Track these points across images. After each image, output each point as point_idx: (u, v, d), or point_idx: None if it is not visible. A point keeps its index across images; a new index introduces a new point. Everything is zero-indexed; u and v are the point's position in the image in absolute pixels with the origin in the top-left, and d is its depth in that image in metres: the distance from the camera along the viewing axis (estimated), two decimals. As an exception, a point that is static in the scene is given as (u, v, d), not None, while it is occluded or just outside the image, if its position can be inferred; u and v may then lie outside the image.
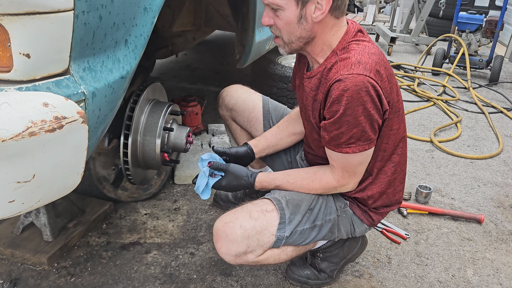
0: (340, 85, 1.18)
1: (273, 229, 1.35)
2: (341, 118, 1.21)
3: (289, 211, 1.38)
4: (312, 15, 1.20)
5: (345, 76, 1.18)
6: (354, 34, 1.29)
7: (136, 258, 1.73)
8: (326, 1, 1.18)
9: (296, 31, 1.24)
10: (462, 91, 4.12)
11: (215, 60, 4.47)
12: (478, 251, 1.92)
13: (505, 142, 3.07)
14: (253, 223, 1.33)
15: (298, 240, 1.41)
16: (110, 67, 1.14)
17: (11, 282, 1.58)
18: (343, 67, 1.21)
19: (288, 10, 1.20)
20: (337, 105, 1.20)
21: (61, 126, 0.93)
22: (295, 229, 1.38)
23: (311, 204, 1.43)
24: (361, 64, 1.19)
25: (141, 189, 2.08)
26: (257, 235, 1.33)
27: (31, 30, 0.90)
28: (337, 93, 1.19)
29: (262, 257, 1.37)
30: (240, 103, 1.81)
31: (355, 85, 1.17)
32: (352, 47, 1.25)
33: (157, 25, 1.97)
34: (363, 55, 1.22)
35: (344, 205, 1.48)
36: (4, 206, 0.94)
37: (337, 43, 1.28)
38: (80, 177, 1.07)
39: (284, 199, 1.40)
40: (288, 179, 1.44)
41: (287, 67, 3.10)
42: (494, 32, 4.34)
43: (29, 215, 1.70)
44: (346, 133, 1.23)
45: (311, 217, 1.42)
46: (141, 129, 1.68)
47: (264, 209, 1.37)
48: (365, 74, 1.18)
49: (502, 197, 2.37)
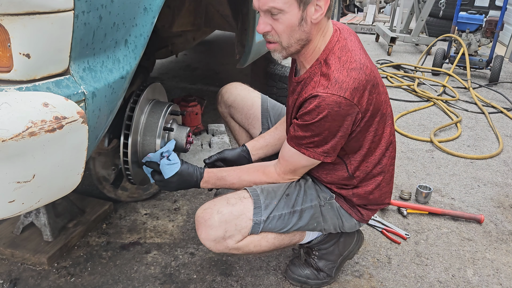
0: (314, 101, 1.24)
1: (250, 214, 1.39)
2: (308, 126, 1.28)
3: (264, 196, 1.42)
4: (312, 17, 1.22)
5: (320, 93, 1.24)
6: (337, 40, 1.31)
7: (136, 258, 1.73)
8: (324, 1, 1.21)
9: (296, 33, 1.25)
10: (462, 91, 4.12)
11: (215, 60, 4.47)
12: (478, 251, 1.92)
13: (505, 142, 3.07)
14: (230, 208, 1.39)
15: (279, 226, 1.43)
16: (110, 67, 1.14)
17: (11, 282, 1.58)
18: (320, 84, 1.26)
19: (290, 13, 1.21)
20: (308, 116, 1.27)
21: (61, 126, 0.93)
22: (272, 214, 1.41)
23: (286, 190, 1.46)
24: (338, 83, 1.23)
25: (141, 189, 2.08)
26: (234, 220, 1.38)
27: (31, 30, 0.90)
28: (309, 107, 1.25)
29: (242, 243, 1.40)
30: (239, 100, 1.82)
31: (327, 104, 1.23)
32: (333, 61, 1.28)
33: (157, 25, 1.97)
34: (342, 72, 1.25)
35: (329, 197, 1.50)
36: (4, 206, 0.94)
37: (323, 49, 1.31)
38: (80, 177, 1.07)
39: (259, 188, 1.45)
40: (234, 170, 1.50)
41: (287, 67, 3.10)
42: (494, 32, 4.34)
43: (29, 215, 1.70)
44: (309, 138, 1.31)
45: (289, 202, 1.45)
46: (141, 129, 1.68)
47: (242, 196, 1.43)
48: (339, 94, 1.22)
49: (502, 197, 2.37)
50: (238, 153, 1.63)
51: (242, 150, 1.64)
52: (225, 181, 1.49)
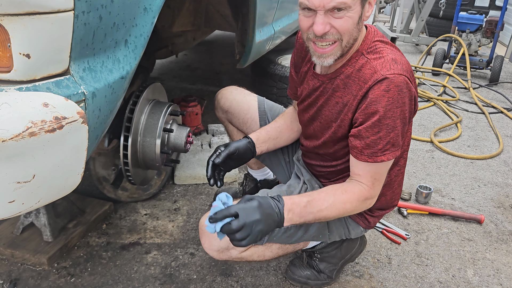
0: (382, 85, 1.15)
1: None
2: (381, 121, 1.16)
3: None
4: (365, 14, 1.19)
5: (386, 75, 1.15)
6: (374, 33, 1.27)
7: (136, 259, 1.73)
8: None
9: (355, 32, 1.19)
10: (462, 91, 4.12)
11: (215, 60, 4.47)
12: (478, 251, 1.92)
13: (505, 142, 3.07)
14: None
15: (284, 239, 1.40)
16: (110, 67, 1.14)
17: (11, 282, 1.58)
18: (381, 66, 1.18)
19: (354, 10, 1.14)
20: (375, 105, 1.16)
21: (61, 127, 0.92)
22: None
23: None
24: (398, 63, 1.17)
25: (141, 189, 2.08)
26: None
27: (31, 30, 0.90)
28: (377, 93, 1.15)
29: (246, 253, 1.37)
30: (234, 105, 1.78)
31: (396, 86, 1.14)
32: (380, 48, 1.23)
33: (157, 25, 1.97)
34: (395, 53, 1.20)
35: None
36: (4, 206, 0.93)
37: (361, 43, 1.25)
38: (80, 178, 1.07)
39: None
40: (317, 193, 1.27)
41: (287, 67, 3.10)
42: (494, 32, 4.34)
43: (29, 215, 1.70)
44: (384, 138, 1.18)
45: None
46: (141, 129, 1.68)
47: None
48: (404, 74, 1.16)
49: (502, 197, 2.36)
50: (245, 145, 1.49)
51: (248, 143, 1.51)
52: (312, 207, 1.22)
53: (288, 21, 2.84)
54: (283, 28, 2.72)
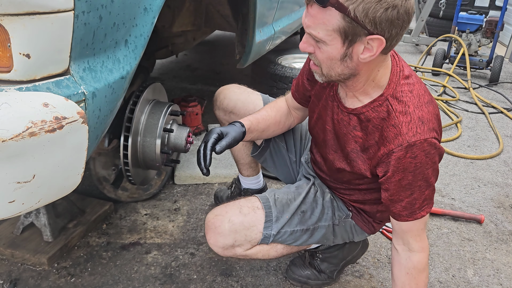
0: (408, 153, 1.10)
1: (261, 227, 1.35)
2: (412, 184, 1.14)
3: (276, 209, 1.38)
4: (359, 55, 1.05)
5: (411, 141, 1.09)
6: (400, 71, 1.17)
7: (136, 259, 1.73)
8: (378, 43, 1.02)
9: (337, 67, 1.10)
10: (462, 91, 4.12)
11: (215, 60, 4.47)
12: (478, 251, 1.92)
13: (505, 142, 3.07)
14: (241, 218, 1.34)
15: (289, 240, 1.41)
16: (110, 67, 1.14)
17: (11, 282, 1.58)
18: (406, 128, 1.10)
19: (331, 46, 1.05)
20: (403, 173, 1.13)
21: (61, 127, 0.92)
22: (283, 229, 1.37)
23: (302, 205, 1.41)
24: (424, 123, 1.10)
25: (141, 189, 2.08)
26: (244, 230, 1.33)
27: (31, 30, 0.90)
28: (404, 161, 1.11)
29: (251, 251, 1.38)
30: (240, 106, 1.67)
31: (423, 151, 1.10)
32: (406, 97, 1.13)
33: (157, 25, 1.97)
34: (422, 108, 1.12)
35: (345, 216, 1.46)
36: (4, 206, 0.93)
37: (386, 84, 1.15)
38: (80, 178, 1.07)
39: (272, 198, 1.40)
40: None
41: (287, 67, 3.09)
42: (494, 32, 4.34)
43: (29, 215, 1.69)
44: (419, 198, 1.16)
45: (303, 220, 1.40)
46: (141, 129, 1.68)
47: (255, 206, 1.38)
48: (432, 136, 1.10)
49: (502, 197, 2.36)
50: (240, 135, 1.39)
51: (243, 132, 1.40)
52: None
53: (288, 21, 2.84)
54: (283, 28, 2.72)
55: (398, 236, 1.27)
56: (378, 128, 1.17)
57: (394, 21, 0.98)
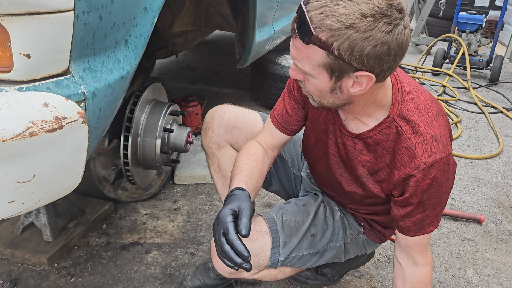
0: (426, 175, 1.06)
1: (268, 253, 1.28)
2: (426, 203, 1.11)
3: (284, 234, 1.31)
4: (349, 88, 0.98)
5: (429, 163, 1.04)
6: (401, 87, 1.09)
7: (136, 258, 1.73)
8: (367, 79, 0.94)
9: (328, 98, 1.04)
10: (462, 91, 4.12)
11: (215, 60, 4.47)
12: (478, 251, 1.92)
13: (505, 142, 3.07)
14: (250, 245, 1.23)
15: (297, 264, 1.36)
16: (110, 67, 1.14)
17: (11, 282, 1.58)
18: (421, 150, 1.05)
19: (318, 80, 0.99)
20: (421, 194, 1.09)
21: (61, 126, 0.93)
22: (291, 254, 1.31)
23: (311, 228, 1.35)
24: (438, 140, 1.05)
25: (141, 189, 2.08)
26: (253, 258, 1.23)
27: (31, 30, 0.90)
28: (422, 184, 1.07)
29: (258, 275, 1.33)
30: (241, 118, 1.49)
31: (440, 170, 1.06)
32: (414, 115, 1.07)
33: (157, 25, 1.97)
34: (432, 124, 1.06)
35: (357, 233, 1.41)
36: (4, 206, 0.93)
37: (389, 104, 1.08)
38: (80, 177, 1.07)
39: (280, 220, 1.32)
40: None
41: (287, 67, 3.10)
42: (494, 32, 4.34)
43: (29, 215, 1.70)
44: (430, 214, 1.13)
45: (313, 243, 1.35)
46: (141, 129, 1.68)
47: (263, 230, 1.29)
48: (446, 153, 1.06)
49: (502, 197, 2.36)
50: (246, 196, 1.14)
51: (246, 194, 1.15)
52: None
53: (288, 21, 2.84)
54: (283, 28, 2.72)
55: (403, 250, 1.23)
56: (389, 151, 1.11)
57: (384, 57, 0.90)
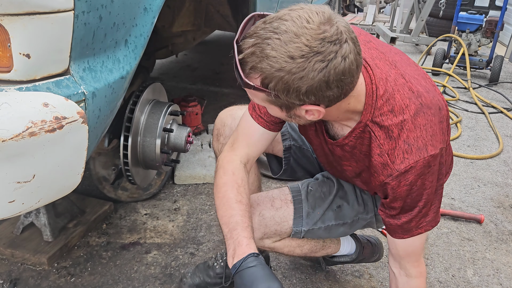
0: (401, 181, 1.01)
1: (291, 222, 1.28)
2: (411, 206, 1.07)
3: (308, 204, 1.29)
4: (305, 116, 0.94)
5: (402, 169, 1.00)
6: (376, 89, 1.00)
7: (136, 258, 1.73)
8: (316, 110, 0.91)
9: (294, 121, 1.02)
10: (462, 91, 4.12)
11: (215, 60, 4.47)
12: (478, 251, 1.92)
13: (505, 142, 3.07)
14: (273, 212, 1.26)
15: (324, 235, 1.33)
16: (110, 67, 1.14)
17: (11, 282, 1.58)
18: (392, 156, 1.01)
19: (272, 111, 0.98)
20: (402, 200, 1.05)
21: (61, 126, 0.93)
22: (316, 225, 1.29)
23: (336, 199, 1.30)
24: (411, 144, 0.99)
25: (141, 189, 2.08)
26: (275, 226, 1.26)
27: (31, 30, 0.90)
28: (400, 190, 1.03)
29: (278, 244, 1.31)
30: None
31: (417, 175, 1.00)
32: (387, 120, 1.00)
33: (157, 25, 1.97)
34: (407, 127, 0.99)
35: None
36: (4, 206, 0.94)
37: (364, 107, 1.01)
38: (80, 177, 1.07)
39: (305, 190, 1.30)
40: None
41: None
42: (494, 32, 4.34)
43: (29, 215, 1.70)
44: (416, 216, 1.08)
45: (340, 215, 1.31)
46: (141, 129, 1.68)
47: (287, 199, 1.29)
48: (424, 156, 0.99)
49: (502, 197, 2.36)
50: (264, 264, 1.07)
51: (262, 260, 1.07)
52: None
53: (288, 21, 2.84)
54: (283, 28, 2.72)
55: (395, 260, 1.21)
56: (366, 155, 1.08)
57: (325, 91, 0.85)
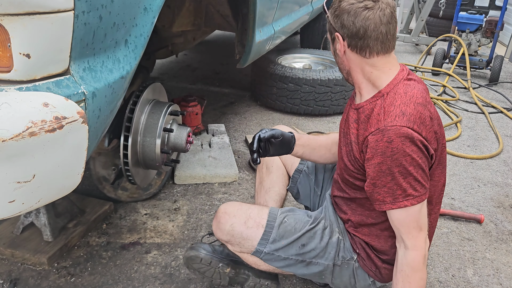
0: (384, 136, 1.15)
1: (256, 242, 1.39)
2: (392, 170, 1.17)
3: (276, 232, 1.39)
4: (337, 47, 1.28)
5: (388, 126, 1.15)
6: (403, 78, 1.25)
7: (136, 258, 1.73)
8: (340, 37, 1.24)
9: (338, 63, 1.33)
10: (462, 91, 4.12)
11: (215, 60, 4.47)
12: (478, 251, 1.92)
13: (505, 142, 3.07)
14: (242, 229, 1.39)
15: (281, 264, 1.42)
16: (110, 67, 1.14)
17: (11, 282, 1.58)
18: (386, 115, 1.18)
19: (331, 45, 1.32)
20: (381, 156, 1.17)
21: (61, 126, 0.93)
22: (277, 252, 1.39)
23: (304, 238, 1.40)
24: (405, 115, 1.16)
25: (141, 189, 2.08)
26: (240, 240, 1.40)
27: (31, 30, 0.90)
28: (382, 145, 1.16)
29: (242, 255, 1.45)
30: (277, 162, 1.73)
31: (399, 137, 1.14)
32: (398, 94, 1.21)
33: (157, 25, 1.98)
34: (408, 105, 1.18)
35: (349, 258, 1.41)
36: (4, 206, 0.94)
37: (387, 83, 1.24)
38: (80, 177, 1.07)
39: (280, 219, 1.41)
40: None
41: (287, 67, 3.10)
42: (494, 32, 4.34)
43: (29, 215, 1.70)
44: (400, 184, 1.18)
45: (301, 252, 1.40)
46: (141, 129, 1.68)
47: (260, 224, 1.40)
48: (408, 126, 1.14)
49: (502, 197, 2.37)
50: (289, 136, 1.51)
51: (292, 137, 1.52)
52: None
53: (288, 21, 2.84)
54: (283, 28, 2.72)
55: (396, 233, 1.28)
56: (367, 117, 1.25)
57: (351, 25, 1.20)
